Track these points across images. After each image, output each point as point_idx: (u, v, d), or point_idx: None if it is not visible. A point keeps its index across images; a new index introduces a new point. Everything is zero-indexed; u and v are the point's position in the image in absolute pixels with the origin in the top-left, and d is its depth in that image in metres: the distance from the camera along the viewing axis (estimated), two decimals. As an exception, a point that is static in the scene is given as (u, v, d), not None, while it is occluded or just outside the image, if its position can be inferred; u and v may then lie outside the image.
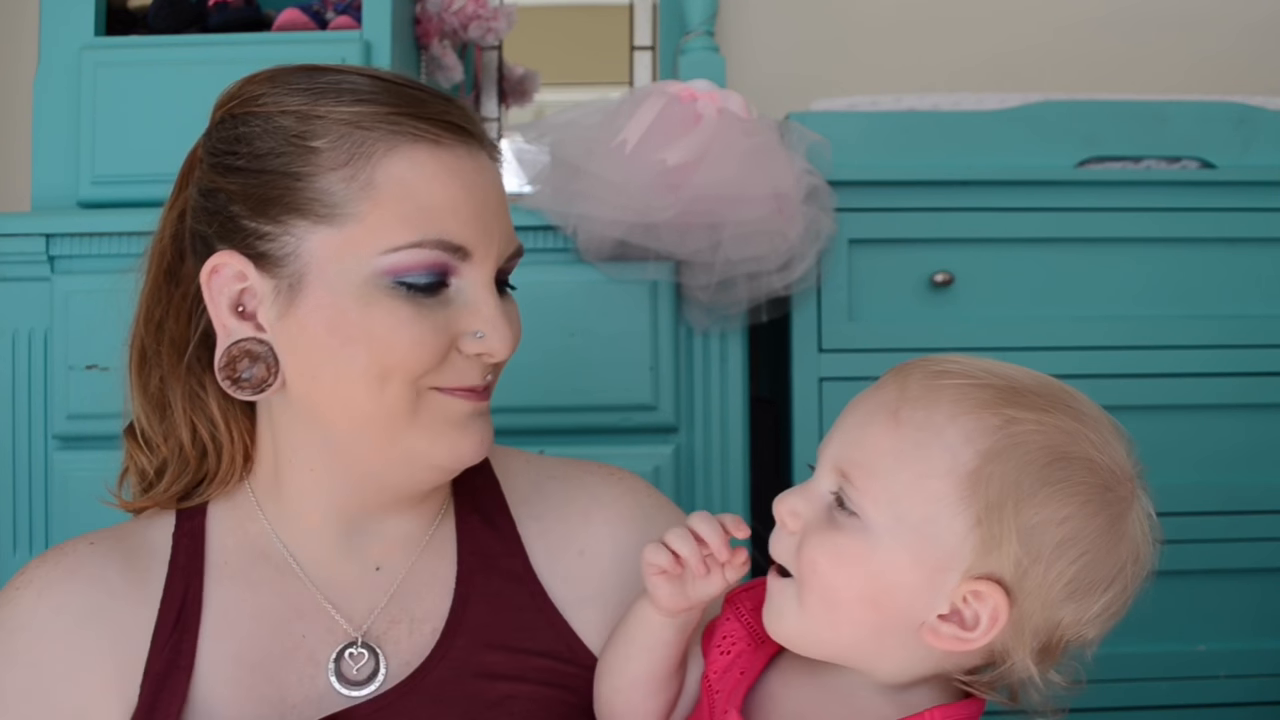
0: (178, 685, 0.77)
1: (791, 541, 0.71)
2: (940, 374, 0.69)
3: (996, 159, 1.51)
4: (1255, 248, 1.53)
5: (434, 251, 0.75)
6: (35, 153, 1.50)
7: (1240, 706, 1.50)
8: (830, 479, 0.70)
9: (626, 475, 0.94)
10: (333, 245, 0.75)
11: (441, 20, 1.73)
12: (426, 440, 0.77)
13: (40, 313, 1.42)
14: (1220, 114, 1.54)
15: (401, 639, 0.81)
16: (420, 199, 0.75)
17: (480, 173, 0.79)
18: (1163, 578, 1.54)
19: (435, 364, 0.76)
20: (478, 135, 0.80)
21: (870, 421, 0.70)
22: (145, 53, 1.50)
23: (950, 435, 0.66)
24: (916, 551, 0.66)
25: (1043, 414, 0.67)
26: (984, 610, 0.66)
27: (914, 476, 0.67)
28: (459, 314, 0.77)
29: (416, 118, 0.76)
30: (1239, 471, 1.51)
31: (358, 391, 0.75)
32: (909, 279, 1.50)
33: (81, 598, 0.79)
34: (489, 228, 0.78)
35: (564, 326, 1.42)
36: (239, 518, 0.84)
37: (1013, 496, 0.65)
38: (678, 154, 1.36)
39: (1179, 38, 2.04)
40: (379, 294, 0.74)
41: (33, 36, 1.63)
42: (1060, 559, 0.65)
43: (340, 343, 0.75)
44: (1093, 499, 0.66)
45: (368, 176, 0.74)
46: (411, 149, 0.75)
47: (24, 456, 1.42)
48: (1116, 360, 1.50)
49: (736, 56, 1.95)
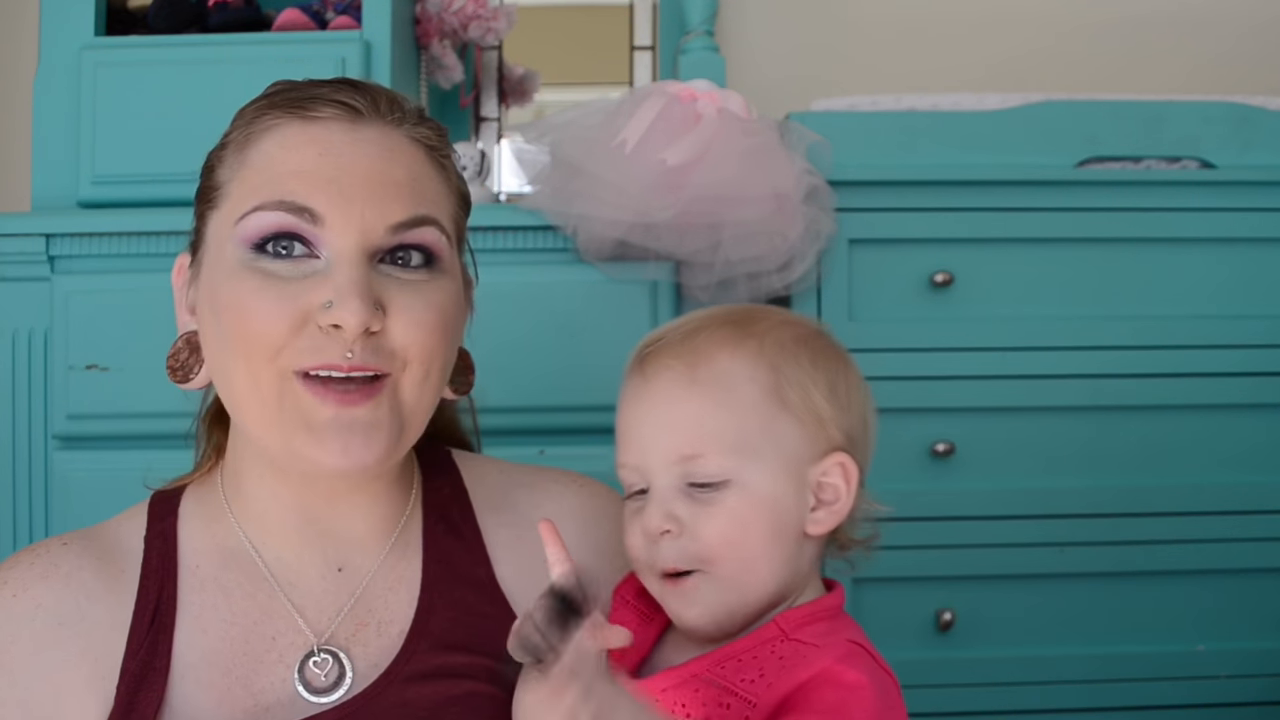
0: (154, 686, 0.76)
1: (675, 543, 0.74)
2: (681, 336, 0.78)
3: (996, 159, 1.51)
4: (1255, 248, 1.53)
5: (275, 213, 0.74)
6: (35, 153, 1.50)
7: (1240, 706, 1.50)
8: (670, 475, 0.75)
9: (589, 481, 0.94)
10: (217, 224, 0.79)
11: (441, 20, 1.73)
12: (291, 439, 0.75)
13: (40, 313, 1.42)
14: (1220, 114, 1.54)
15: (370, 641, 0.81)
16: (276, 168, 0.76)
17: (358, 145, 0.77)
18: (1163, 578, 1.55)
19: (287, 336, 0.74)
20: (377, 113, 0.79)
21: (670, 407, 0.76)
22: (145, 53, 1.50)
23: (739, 367, 0.76)
24: (778, 470, 0.75)
25: (767, 316, 0.80)
26: (836, 479, 0.76)
27: (741, 416, 0.75)
28: (318, 283, 0.74)
29: (302, 100, 0.78)
30: (1240, 471, 1.51)
31: (236, 373, 0.75)
32: (909, 279, 1.50)
33: (57, 598, 0.78)
34: (347, 192, 0.75)
35: (564, 326, 1.42)
36: (207, 517, 0.84)
37: (807, 381, 0.76)
38: (678, 154, 1.36)
39: (1179, 38, 2.04)
40: (242, 270, 0.75)
41: (33, 36, 1.63)
42: (852, 404, 0.78)
43: (215, 319, 0.77)
44: (833, 350, 0.80)
45: (244, 156, 0.78)
46: (285, 127, 0.78)
47: (24, 456, 1.42)
48: (1116, 360, 1.50)
49: (736, 56, 1.95)
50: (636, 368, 0.79)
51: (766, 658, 0.71)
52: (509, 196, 1.82)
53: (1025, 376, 1.49)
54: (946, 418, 1.48)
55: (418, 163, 0.80)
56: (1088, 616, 1.50)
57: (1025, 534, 1.48)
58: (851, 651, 0.70)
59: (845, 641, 0.71)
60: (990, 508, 1.49)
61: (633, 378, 0.79)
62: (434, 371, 0.78)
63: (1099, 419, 1.50)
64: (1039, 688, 1.49)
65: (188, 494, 0.86)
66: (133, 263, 1.42)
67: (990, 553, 1.49)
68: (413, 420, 0.78)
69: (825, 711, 0.66)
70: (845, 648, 0.70)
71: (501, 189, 1.91)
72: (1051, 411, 1.50)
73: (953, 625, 1.47)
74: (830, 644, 0.71)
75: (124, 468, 1.37)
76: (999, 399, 1.49)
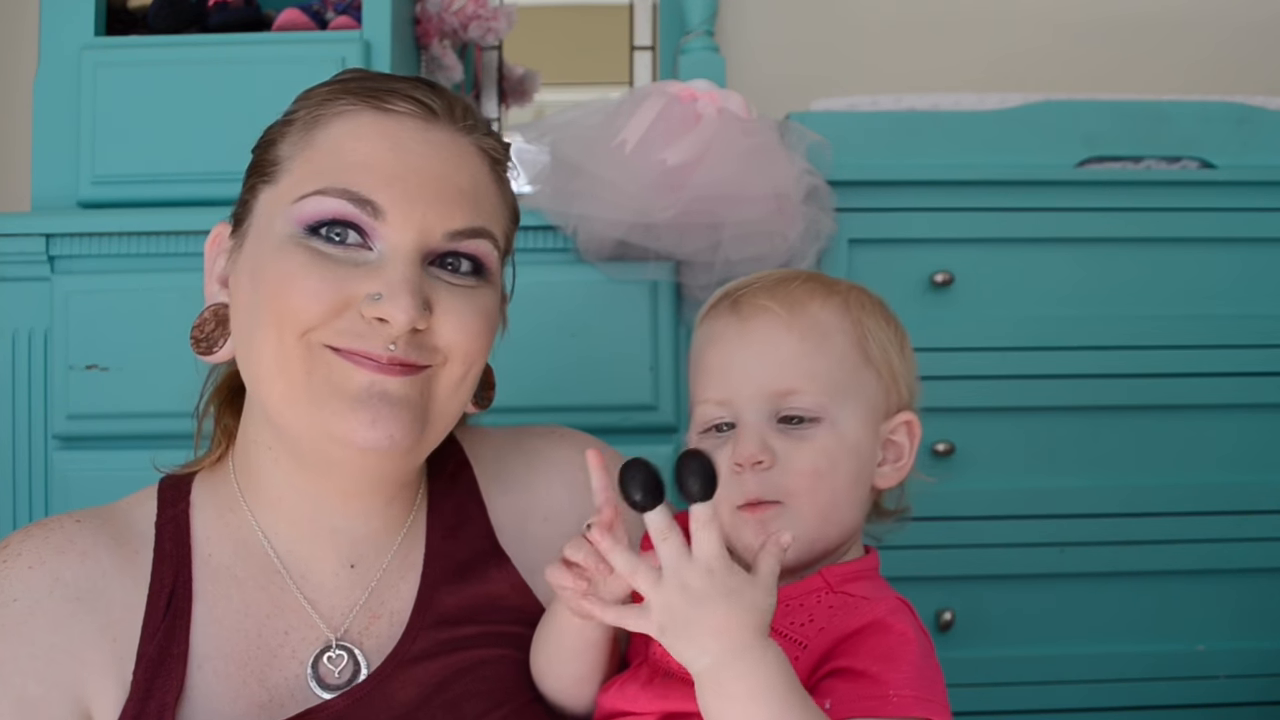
0: (173, 674, 0.76)
1: (763, 476, 0.76)
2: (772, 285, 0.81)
3: (996, 159, 1.51)
4: (1255, 248, 1.53)
5: (338, 200, 0.74)
6: (35, 153, 1.50)
7: (1240, 706, 1.50)
8: (763, 410, 0.77)
9: (576, 433, 0.95)
10: (270, 200, 0.78)
11: (441, 20, 1.73)
12: (319, 404, 0.74)
13: (40, 313, 1.42)
14: (1220, 114, 1.54)
15: (382, 633, 0.81)
16: (343, 155, 0.76)
17: (427, 143, 0.77)
18: (1163, 578, 1.55)
19: (325, 317, 0.73)
20: (450, 115, 0.79)
21: (768, 345, 0.78)
22: (145, 53, 1.50)
23: (830, 317, 0.79)
24: (862, 417, 0.78)
25: (850, 285, 0.84)
26: (901, 437, 0.81)
27: (834, 360, 0.78)
28: (367, 274, 0.74)
29: (379, 91, 0.78)
30: (1239, 471, 1.51)
31: (264, 344, 0.75)
32: (909, 279, 1.50)
33: (75, 574, 0.77)
34: (412, 192, 0.75)
35: (564, 326, 1.42)
36: (220, 507, 0.83)
37: (884, 339, 0.81)
38: (678, 154, 1.36)
39: (1179, 38, 2.04)
40: (291, 245, 0.75)
41: (33, 36, 1.63)
42: (911, 365, 0.84)
43: (253, 291, 0.76)
44: (899, 321, 0.85)
45: (310, 137, 0.77)
46: (358, 114, 0.77)
47: (24, 456, 1.42)
48: (1116, 360, 1.50)
49: (736, 56, 1.95)
50: (729, 307, 0.81)
51: (815, 606, 0.74)
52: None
53: (1025, 376, 1.49)
54: (946, 418, 1.48)
55: (481, 173, 0.80)
56: (1088, 616, 1.50)
57: (1025, 534, 1.48)
58: (900, 607, 0.74)
59: (895, 599, 0.75)
60: (990, 508, 1.49)
61: (724, 316, 0.81)
62: (471, 375, 0.79)
63: (1099, 419, 1.50)
64: (1039, 688, 1.49)
65: (199, 481, 0.85)
66: (133, 263, 1.42)
67: (990, 553, 1.49)
68: (440, 419, 0.78)
69: (878, 657, 0.69)
70: (894, 603, 0.74)
71: (501, 189, 1.90)
72: (1051, 411, 1.50)
73: (953, 625, 1.47)
74: (879, 598, 0.74)
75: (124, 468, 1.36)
76: (999, 399, 1.49)
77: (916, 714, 0.67)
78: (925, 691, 0.68)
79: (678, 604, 0.64)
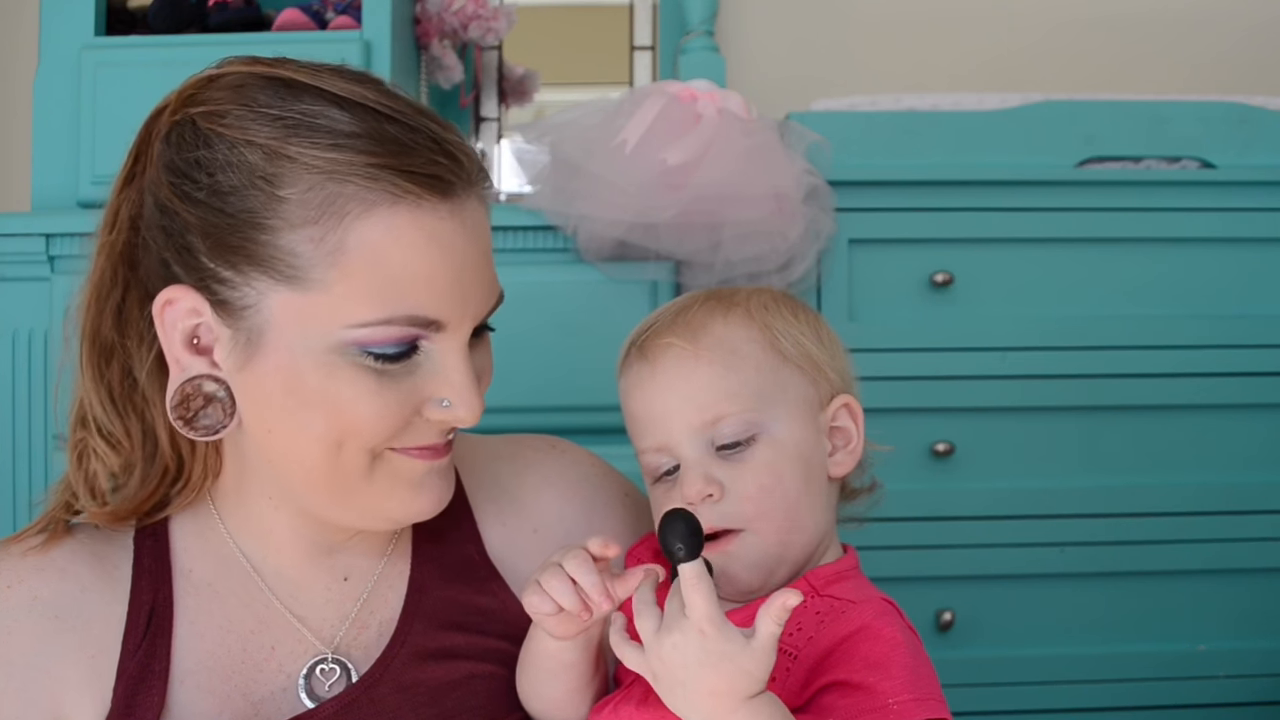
0: (154, 690, 0.75)
1: (717, 507, 0.76)
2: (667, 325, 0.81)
3: (996, 159, 1.51)
4: (1255, 248, 1.53)
5: (404, 328, 0.70)
6: (35, 153, 1.50)
7: (1240, 706, 1.50)
8: (698, 444, 0.77)
9: (570, 447, 0.94)
10: (295, 307, 0.69)
11: (441, 20, 1.73)
12: (380, 497, 0.74)
13: (40, 313, 1.42)
14: (1220, 114, 1.54)
15: (370, 642, 0.80)
16: (393, 270, 0.68)
17: (464, 232, 0.71)
18: (1163, 578, 1.55)
19: (397, 432, 0.73)
20: (468, 181, 0.72)
21: (682, 380, 0.78)
22: (145, 53, 1.50)
23: (735, 331, 0.79)
24: (795, 417, 0.78)
25: (740, 291, 0.84)
26: (845, 420, 0.81)
27: (752, 371, 0.78)
28: (426, 380, 0.72)
29: (398, 171, 0.68)
30: (1239, 471, 1.51)
31: (313, 452, 0.72)
32: (909, 279, 1.50)
33: (54, 591, 0.76)
34: (467, 294, 0.72)
35: (564, 326, 1.42)
36: (199, 526, 0.81)
37: (795, 335, 0.81)
38: (678, 154, 1.36)
39: (1179, 38, 2.04)
40: (342, 362, 0.70)
41: (33, 36, 1.63)
42: (835, 346, 0.83)
43: (297, 405, 0.71)
44: (808, 305, 0.85)
45: (338, 240, 0.68)
46: (390, 212, 0.68)
47: (24, 456, 1.42)
48: (1116, 360, 1.50)
49: (736, 56, 1.95)
50: (636, 354, 0.81)
51: (802, 613, 0.73)
52: (509, 196, 1.82)
53: (1025, 376, 1.49)
54: (946, 418, 1.48)
55: (488, 224, 0.77)
56: (1088, 616, 1.50)
57: (1025, 534, 1.48)
58: (886, 609, 0.73)
59: (879, 600, 0.74)
60: (990, 508, 1.49)
61: (634, 364, 0.81)
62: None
63: (1099, 419, 1.50)
64: (1039, 688, 1.49)
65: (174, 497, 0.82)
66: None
67: (990, 553, 1.49)
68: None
69: (871, 666, 0.69)
70: (880, 605, 0.73)
71: (501, 189, 1.90)
72: (1051, 411, 1.50)
73: (953, 625, 1.47)
74: (864, 600, 0.74)
75: (124, 468, 1.37)
76: (999, 399, 1.49)
77: (919, 718, 0.67)
78: (921, 691, 0.68)
79: (672, 661, 0.64)
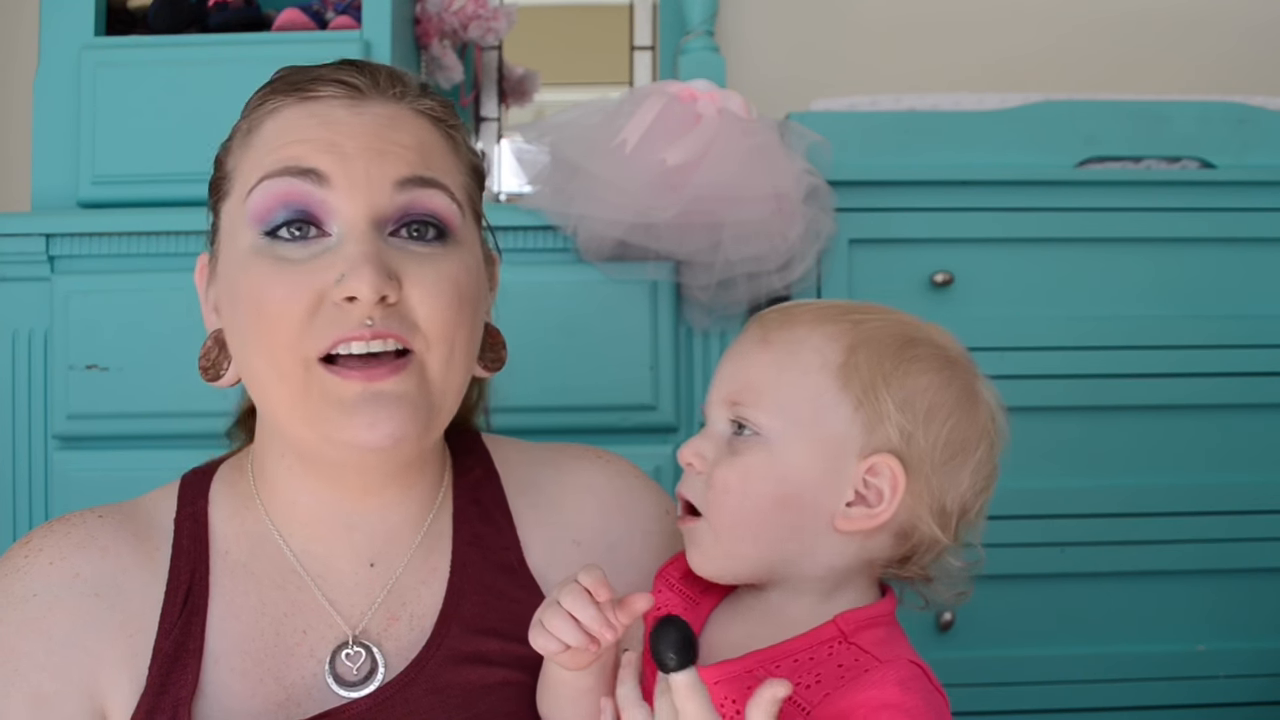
0: (188, 669, 0.76)
1: (699, 481, 0.76)
2: (791, 307, 0.80)
3: (996, 159, 1.51)
4: (1255, 248, 1.53)
5: (281, 179, 0.74)
6: (35, 153, 1.50)
7: (1240, 706, 1.50)
8: (723, 414, 0.77)
9: (614, 458, 0.94)
10: (228, 212, 0.79)
11: (441, 20, 1.73)
12: (322, 424, 0.74)
13: (40, 313, 1.42)
14: (1220, 114, 1.54)
15: (401, 635, 0.81)
16: (278, 138, 0.76)
17: (358, 116, 0.76)
18: (1163, 578, 1.55)
19: (303, 320, 0.73)
20: (377, 89, 0.78)
21: (744, 355, 0.78)
22: (145, 53, 1.50)
23: (815, 340, 0.76)
24: (814, 446, 0.74)
25: (883, 315, 0.79)
26: (883, 483, 0.74)
27: (795, 380, 0.75)
28: (329, 262, 0.73)
29: (301, 82, 0.78)
30: (1240, 471, 1.51)
31: (260, 367, 0.75)
32: (909, 279, 1.50)
33: (95, 570, 0.78)
34: (350, 153, 0.74)
35: (564, 326, 1.42)
36: (236, 504, 0.83)
37: (880, 375, 0.74)
38: (678, 154, 1.36)
39: (1179, 38, 2.04)
40: (254, 257, 0.75)
41: (33, 36, 1.63)
42: (933, 422, 0.75)
43: (234, 312, 0.77)
44: (944, 369, 0.76)
45: (248, 142, 0.78)
46: (287, 109, 0.77)
47: (24, 456, 1.42)
48: (1116, 360, 1.50)
49: (736, 56, 1.95)
50: (748, 328, 0.82)
51: (824, 661, 0.71)
52: (509, 196, 1.82)
53: (1025, 376, 1.49)
54: (946, 418, 1.48)
55: (424, 131, 0.79)
56: (1088, 616, 1.50)
57: (1025, 534, 1.48)
58: (912, 675, 0.69)
59: (906, 663, 0.70)
60: (990, 508, 1.49)
61: (742, 332, 0.82)
62: (459, 347, 0.77)
63: (1099, 419, 1.50)
64: (1039, 688, 1.49)
65: (219, 478, 0.85)
66: (133, 263, 1.42)
67: (990, 553, 1.48)
68: (443, 400, 0.77)
69: None
70: (906, 669, 0.69)
71: (501, 189, 1.91)
72: (1051, 411, 1.50)
73: (953, 625, 1.47)
74: (890, 659, 0.70)
75: (124, 468, 1.38)
76: (999, 399, 1.49)
77: None
78: None
79: None
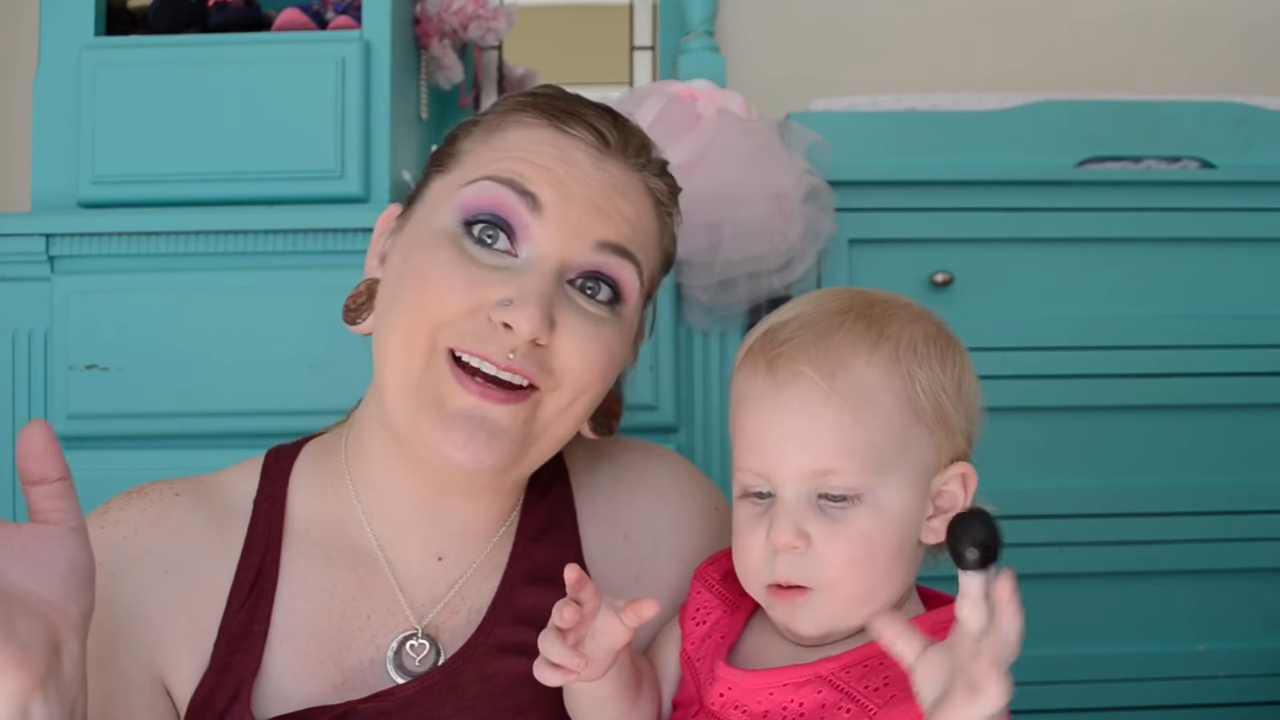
0: (252, 649, 0.77)
1: (798, 561, 0.72)
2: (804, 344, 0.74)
3: (996, 159, 1.51)
4: (1255, 248, 1.53)
5: (501, 188, 0.75)
6: (35, 153, 1.50)
7: (1240, 706, 1.50)
8: (801, 487, 0.72)
9: (666, 452, 0.94)
10: (440, 187, 0.79)
11: (441, 20, 1.73)
12: (419, 416, 0.74)
13: (40, 313, 1.42)
14: (1220, 114, 1.54)
15: (459, 629, 0.81)
16: (515, 147, 0.77)
17: (596, 167, 0.77)
18: (1162, 578, 1.55)
19: (458, 315, 0.73)
20: (624, 151, 0.79)
21: (806, 420, 0.72)
22: (145, 53, 1.50)
23: (876, 377, 0.73)
24: (907, 482, 0.73)
25: (903, 321, 0.76)
26: (955, 486, 0.75)
27: (880, 428, 0.72)
28: (505, 280, 0.74)
29: (563, 111, 0.79)
30: (1239, 471, 1.51)
31: (395, 327, 0.75)
32: (909, 279, 1.50)
33: (166, 547, 0.79)
34: (573, 197, 0.75)
35: (564, 326, 1.42)
36: (322, 482, 0.84)
37: (941, 390, 0.74)
38: (678, 154, 1.36)
39: (1179, 38, 2.04)
40: (444, 240, 0.76)
41: (33, 36, 1.63)
42: (973, 402, 0.77)
43: (400, 274, 0.77)
44: (958, 348, 0.78)
45: (490, 137, 0.79)
46: (538, 129, 0.78)
47: (24, 456, 1.42)
48: (1116, 360, 1.50)
49: (736, 56, 1.95)
50: (766, 368, 0.74)
51: (893, 666, 0.69)
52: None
53: (1025, 376, 1.49)
54: (946, 418, 1.48)
55: (645, 208, 0.80)
56: (1087, 616, 1.50)
57: (1025, 534, 1.48)
58: None
59: None
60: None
61: (759, 376, 0.75)
62: (580, 402, 0.77)
63: (1099, 419, 1.50)
64: (1039, 687, 1.49)
65: (304, 456, 0.86)
66: (133, 263, 1.42)
67: (990, 553, 1.49)
68: (542, 441, 0.78)
69: None
70: None
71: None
72: (1051, 411, 1.50)
73: (953, 625, 1.47)
74: None
75: (124, 468, 1.37)
76: (999, 399, 1.48)
77: None
78: None
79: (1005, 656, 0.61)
